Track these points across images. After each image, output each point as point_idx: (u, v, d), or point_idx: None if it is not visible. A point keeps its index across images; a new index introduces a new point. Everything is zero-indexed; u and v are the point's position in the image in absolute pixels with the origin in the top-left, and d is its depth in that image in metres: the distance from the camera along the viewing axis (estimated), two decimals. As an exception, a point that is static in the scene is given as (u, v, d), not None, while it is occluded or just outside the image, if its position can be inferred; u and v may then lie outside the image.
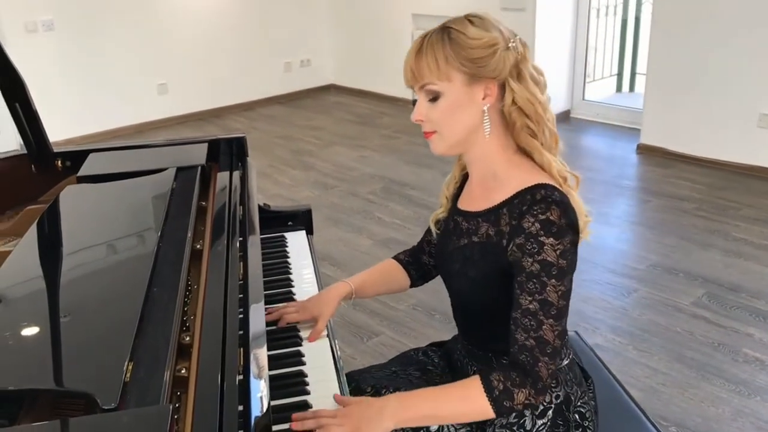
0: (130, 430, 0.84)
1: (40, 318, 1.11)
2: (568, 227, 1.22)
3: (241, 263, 1.41)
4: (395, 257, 1.68)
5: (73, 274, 1.28)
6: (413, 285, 1.66)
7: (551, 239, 1.20)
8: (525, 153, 1.33)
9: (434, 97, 1.27)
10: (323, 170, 4.92)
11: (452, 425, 1.35)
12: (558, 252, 1.20)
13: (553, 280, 1.21)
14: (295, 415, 1.22)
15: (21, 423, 0.95)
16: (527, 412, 1.33)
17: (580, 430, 1.39)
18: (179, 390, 1.04)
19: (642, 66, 6.01)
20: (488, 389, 1.21)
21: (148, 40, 5.89)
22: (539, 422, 1.34)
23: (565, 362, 1.40)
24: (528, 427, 1.33)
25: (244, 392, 1.03)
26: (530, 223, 1.21)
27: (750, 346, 2.73)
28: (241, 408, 1.00)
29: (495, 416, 1.24)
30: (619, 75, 6.69)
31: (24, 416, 0.97)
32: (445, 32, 1.25)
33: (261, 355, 1.13)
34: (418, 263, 1.65)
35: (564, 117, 5.83)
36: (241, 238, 1.52)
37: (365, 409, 1.24)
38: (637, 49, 6.55)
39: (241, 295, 1.29)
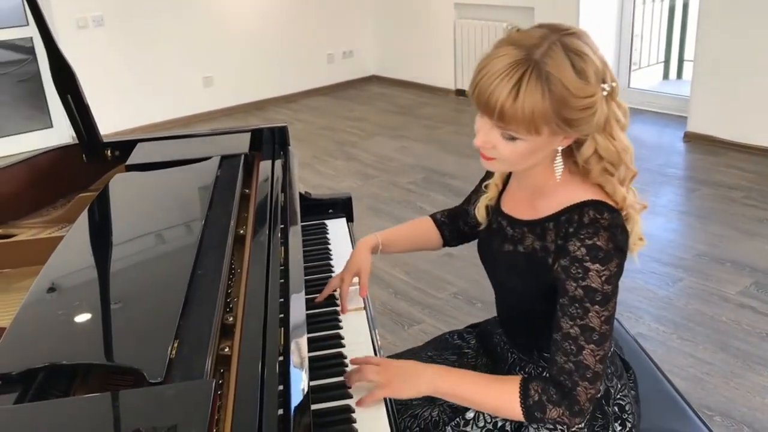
0: (176, 403, 0.88)
1: (90, 299, 1.16)
2: (615, 251, 1.17)
3: (282, 248, 1.44)
4: (431, 215, 1.68)
5: (121, 258, 1.33)
6: (446, 245, 1.66)
7: (597, 265, 1.16)
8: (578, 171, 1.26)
9: (512, 138, 1.15)
10: (365, 161, 4.95)
11: (489, 415, 1.37)
12: (603, 278, 1.16)
13: (597, 306, 1.17)
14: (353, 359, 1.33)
15: (74, 396, 1.00)
16: None
17: (620, 422, 1.38)
18: (222, 368, 1.08)
19: (690, 53, 5.88)
20: (524, 396, 1.22)
21: (193, 34, 6.00)
22: None
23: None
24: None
25: (284, 374, 1.07)
26: (576, 247, 1.17)
27: (799, 337, 2.67)
28: (281, 388, 1.03)
29: (525, 421, 1.24)
30: (666, 62, 6.57)
31: (76, 390, 1.02)
32: (545, 79, 1.09)
33: (301, 339, 1.16)
34: (455, 225, 1.64)
35: (609, 105, 5.73)
36: (282, 225, 1.55)
37: (405, 367, 1.31)
38: (685, 35, 6.41)
39: (282, 280, 1.33)
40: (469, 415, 1.36)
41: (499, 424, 1.36)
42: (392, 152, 5.09)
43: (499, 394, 1.24)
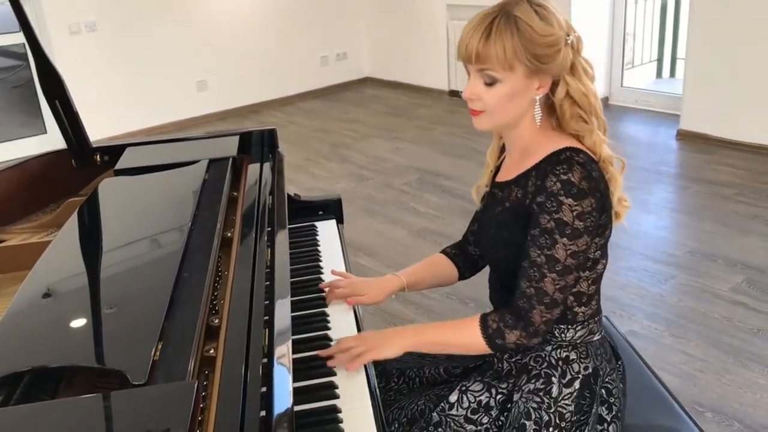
0: (158, 404, 0.89)
1: (76, 302, 1.17)
2: (590, 191, 1.26)
3: (269, 250, 1.45)
4: (443, 251, 1.71)
5: (108, 261, 1.34)
6: (461, 277, 1.70)
7: (570, 200, 1.25)
8: (562, 129, 1.37)
9: (491, 82, 1.29)
10: (359, 162, 4.96)
11: (474, 391, 1.40)
12: (575, 213, 1.25)
13: (565, 239, 1.26)
14: (320, 352, 1.40)
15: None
16: (554, 380, 1.37)
17: (606, 405, 1.41)
18: (207, 369, 1.08)
19: (683, 51, 5.90)
20: (483, 328, 1.34)
21: (187, 39, 6.00)
22: (566, 391, 1.36)
23: (597, 337, 1.42)
24: (554, 394, 1.36)
25: (268, 375, 1.07)
26: (552, 182, 1.27)
27: (790, 332, 2.68)
28: (264, 389, 1.04)
29: (491, 351, 1.36)
30: (659, 60, 6.57)
31: (62, 394, 1.02)
32: (512, 21, 1.25)
33: (286, 343, 1.17)
34: (465, 254, 1.68)
35: (603, 104, 5.74)
36: (269, 228, 1.56)
37: (381, 332, 1.44)
38: (678, 34, 6.42)
39: (268, 282, 1.33)
40: (453, 398, 1.41)
41: (483, 401, 1.40)
42: (386, 153, 5.10)
43: (464, 334, 1.37)
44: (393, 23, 6.88)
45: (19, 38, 5.40)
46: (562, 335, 1.39)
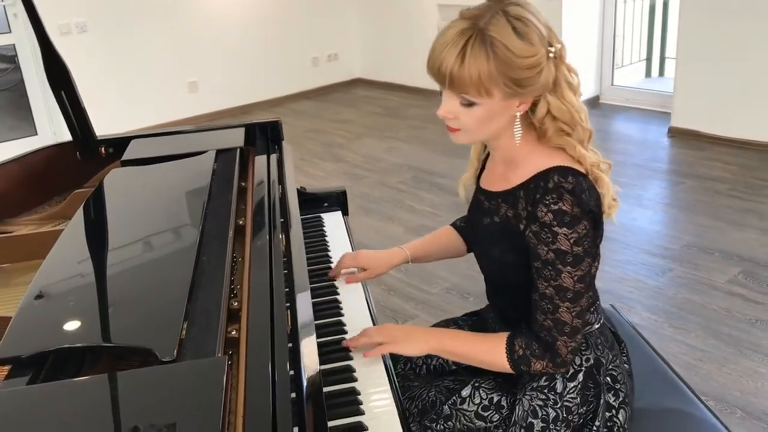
0: (189, 379, 0.88)
1: (98, 286, 1.16)
2: (582, 215, 1.22)
3: (283, 236, 1.45)
4: (452, 223, 1.72)
5: (124, 248, 1.33)
6: (470, 250, 1.69)
7: (564, 229, 1.21)
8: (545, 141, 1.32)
9: (468, 104, 1.22)
10: (353, 162, 4.96)
11: (487, 388, 1.40)
12: (572, 241, 1.22)
13: (569, 267, 1.23)
14: (345, 342, 1.40)
15: (84, 380, 0.99)
16: (558, 376, 1.36)
17: (612, 392, 1.40)
18: (231, 350, 1.08)
19: (671, 50, 5.95)
20: (510, 351, 1.30)
21: (178, 40, 5.98)
22: (570, 385, 1.36)
23: (596, 326, 1.42)
24: (559, 390, 1.35)
25: (295, 357, 1.07)
26: (543, 213, 1.22)
27: (788, 322, 2.71)
28: (292, 373, 1.03)
29: (513, 372, 1.32)
30: (648, 60, 6.63)
31: (86, 374, 1.02)
32: (488, 43, 1.16)
33: (309, 326, 1.17)
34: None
35: (593, 103, 5.80)
36: (281, 215, 1.56)
37: (407, 328, 1.48)
38: (666, 33, 6.48)
39: (286, 271, 1.33)
40: (465, 392, 1.40)
41: (495, 399, 1.39)
42: (380, 153, 5.11)
43: (489, 351, 1.34)
44: (384, 24, 6.90)
45: (8, 39, 5.36)
46: None
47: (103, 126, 5.79)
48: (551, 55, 1.21)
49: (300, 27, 6.73)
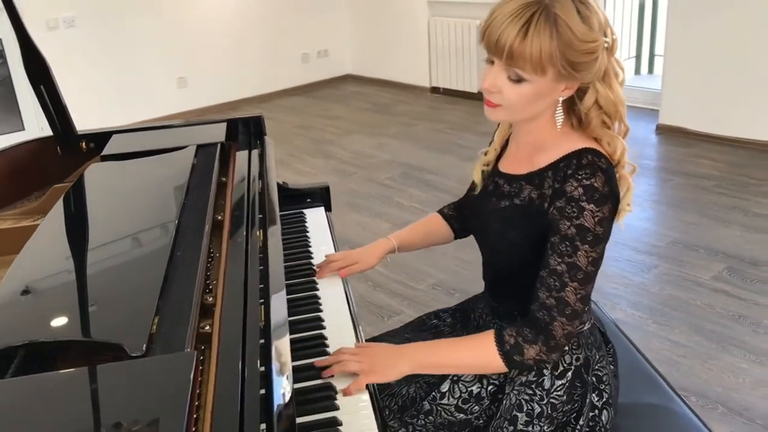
0: (158, 374, 0.88)
1: (71, 281, 1.16)
2: (610, 195, 1.21)
3: (261, 231, 1.45)
4: (439, 210, 1.71)
5: (100, 242, 1.32)
6: (457, 237, 1.69)
7: (592, 205, 1.20)
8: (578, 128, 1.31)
9: (518, 80, 1.21)
10: (342, 158, 4.96)
11: (466, 381, 1.39)
12: (597, 219, 1.20)
13: (587, 246, 1.21)
14: (317, 361, 1.29)
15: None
16: (546, 372, 1.35)
17: (597, 392, 1.40)
18: (203, 345, 1.08)
19: (660, 48, 5.96)
20: (500, 343, 1.26)
21: (166, 35, 5.96)
22: (558, 382, 1.36)
23: (587, 327, 1.41)
24: (546, 386, 1.35)
25: (266, 354, 1.06)
26: (573, 187, 1.21)
27: (771, 318, 2.73)
28: (263, 369, 1.03)
29: (506, 369, 1.28)
30: (638, 57, 6.65)
31: (59, 369, 1.01)
32: (552, 20, 1.15)
33: (283, 324, 1.17)
34: (462, 216, 1.66)
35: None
36: (260, 211, 1.56)
37: (384, 350, 1.32)
38: (656, 30, 6.50)
39: (261, 267, 1.33)
40: (444, 387, 1.39)
41: (474, 391, 1.39)
42: (369, 149, 5.11)
43: (476, 349, 1.29)
44: (375, 20, 6.89)
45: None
46: None
47: (92, 121, 5.76)
48: (606, 45, 1.21)
49: (290, 23, 6.71)
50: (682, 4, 4.66)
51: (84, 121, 5.40)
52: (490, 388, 1.39)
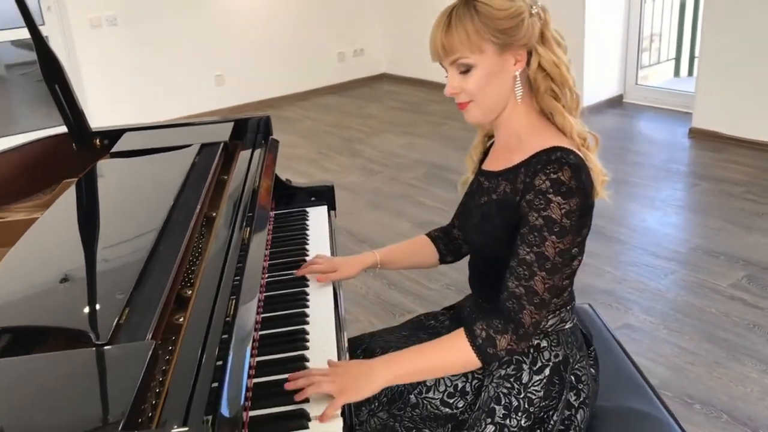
0: (115, 361, 0.94)
1: (53, 271, 1.23)
2: (577, 190, 1.26)
3: (248, 229, 1.50)
4: (427, 233, 1.74)
5: (90, 234, 1.40)
6: (443, 261, 1.72)
7: (559, 198, 1.25)
8: (547, 117, 1.38)
9: (466, 70, 1.31)
10: (370, 157, 5.01)
11: (451, 376, 1.42)
12: (563, 211, 1.26)
13: (554, 237, 1.26)
14: (290, 376, 1.25)
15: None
16: (525, 366, 1.38)
17: (575, 391, 1.42)
18: (175, 336, 1.14)
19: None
20: (471, 338, 1.29)
21: (205, 33, 6.10)
22: (536, 377, 1.38)
23: (568, 326, 1.44)
24: (524, 381, 1.38)
25: (226, 348, 1.09)
26: (541, 181, 1.27)
27: (787, 328, 2.68)
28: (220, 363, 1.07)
29: (481, 365, 1.30)
30: (677, 59, 6.53)
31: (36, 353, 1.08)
32: (470, 5, 1.28)
33: (250, 315, 1.22)
34: (449, 238, 1.71)
35: (617, 101, 5.75)
36: (251, 209, 1.61)
37: (356, 367, 1.30)
38: (696, 32, 6.37)
39: (240, 264, 1.37)
40: (430, 382, 1.43)
41: (459, 386, 1.42)
42: (397, 148, 5.14)
43: (449, 349, 1.32)
44: (410, 19, 6.91)
45: (43, 32, 5.53)
46: None
47: (130, 117, 5.95)
48: (533, 11, 1.30)
49: (326, 22, 6.79)
50: (718, 6, 4.57)
51: (123, 117, 5.58)
52: (474, 382, 1.43)
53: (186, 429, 0.85)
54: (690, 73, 6.48)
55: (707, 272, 3.10)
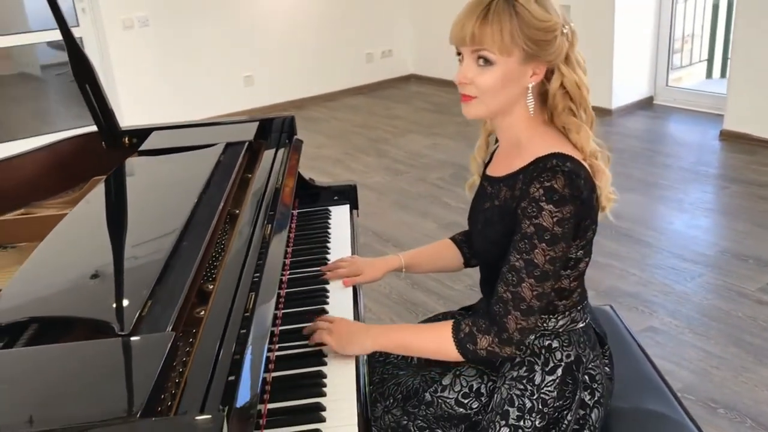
0: (136, 351, 0.97)
1: (81, 265, 1.27)
2: (571, 197, 1.26)
3: (270, 226, 1.53)
4: (452, 237, 1.75)
5: (116, 230, 1.44)
6: (467, 264, 1.73)
7: (551, 206, 1.25)
8: (554, 127, 1.38)
9: (486, 64, 1.29)
10: (396, 157, 5.03)
11: (467, 376, 1.44)
12: (555, 219, 1.25)
13: (544, 245, 1.26)
14: (304, 328, 1.45)
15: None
16: (537, 368, 1.39)
17: (589, 391, 1.43)
18: (195, 329, 1.17)
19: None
20: (455, 331, 1.34)
21: (235, 34, 6.17)
22: (549, 378, 1.39)
23: (580, 325, 1.44)
24: (537, 382, 1.39)
25: (243, 342, 1.12)
26: (535, 189, 1.26)
27: (815, 333, 2.64)
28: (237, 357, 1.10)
29: (461, 357, 1.34)
30: (710, 61, 6.45)
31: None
32: (511, 3, 1.26)
33: (268, 313, 1.24)
34: (471, 242, 1.70)
35: (647, 103, 5.69)
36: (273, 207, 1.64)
37: (353, 326, 1.45)
38: (729, 34, 6.28)
39: (260, 261, 1.40)
40: (446, 381, 1.45)
41: (474, 386, 1.43)
42: (424, 149, 5.16)
43: (434, 335, 1.38)
44: (438, 20, 6.89)
45: (76, 33, 5.63)
46: (545, 324, 1.41)
47: (160, 117, 6.03)
48: (564, 30, 1.30)
49: (355, 23, 6.83)
50: (752, 7, 4.50)
51: (154, 117, 5.67)
52: (489, 384, 1.44)
53: (209, 417, 0.87)
54: (723, 74, 6.38)
55: (735, 276, 3.07)
